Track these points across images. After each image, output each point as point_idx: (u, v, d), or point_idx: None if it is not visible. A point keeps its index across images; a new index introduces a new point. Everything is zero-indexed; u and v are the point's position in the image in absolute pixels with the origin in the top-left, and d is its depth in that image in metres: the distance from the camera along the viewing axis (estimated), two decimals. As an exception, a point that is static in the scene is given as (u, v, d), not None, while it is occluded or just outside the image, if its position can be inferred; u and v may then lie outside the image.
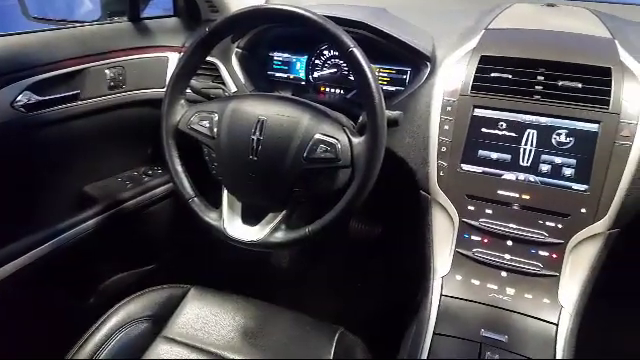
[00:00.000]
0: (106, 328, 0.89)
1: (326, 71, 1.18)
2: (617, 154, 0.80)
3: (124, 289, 1.00)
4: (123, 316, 0.92)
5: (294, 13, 0.80)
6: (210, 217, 0.89)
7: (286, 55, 1.21)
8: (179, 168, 0.90)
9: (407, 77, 1.08)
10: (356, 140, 0.81)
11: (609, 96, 0.81)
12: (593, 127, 0.81)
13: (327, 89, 1.19)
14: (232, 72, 1.14)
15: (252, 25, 1.07)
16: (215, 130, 0.87)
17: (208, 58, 0.99)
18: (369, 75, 0.77)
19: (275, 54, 1.22)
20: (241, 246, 0.86)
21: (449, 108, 0.90)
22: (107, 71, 1.16)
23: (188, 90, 0.92)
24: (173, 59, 1.27)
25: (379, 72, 1.11)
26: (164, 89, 0.91)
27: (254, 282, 1.34)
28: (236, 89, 1.13)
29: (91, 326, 0.89)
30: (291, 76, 1.21)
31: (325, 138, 0.81)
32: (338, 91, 1.18)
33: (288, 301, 1.02)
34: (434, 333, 0.81)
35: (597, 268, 0.83)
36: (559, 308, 0.81)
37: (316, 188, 0.87)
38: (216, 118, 0.87)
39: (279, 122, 0.82)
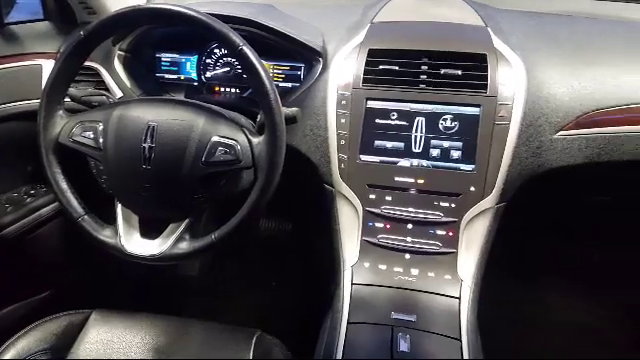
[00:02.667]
0: None
1: (219, 70, 1.14)
2: (497, 134, 0.87)
3: (14, 324, 0.89)
4: (15, 353, 0.83)
5: (178, 13, 0.76)
6: (104, 235, 0.82)
7: (174, 55, 1.16)
8: (64, 185, 0.82)
9: (301, 73, 1.09)
10: (256, 140, 0.80)
11: (486, 80, 0.88)
12: (474, 111, 0.88)
13: (222, 89, 1.15)
14: (116, 77, 1.06)
15: (133, 26, 1.01)
16: (101, 141, 0.81)
17: (87, 63, 0.91)
18: (262, 73, 0.76)
19: (162, 55, 1.16)
20: (142, 262, 0.81)
21: (344, 102, 0.92)
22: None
23: (67, 99, 0.85)
24: (47, 67, 1.15)
25: (273, 69, 1.10)
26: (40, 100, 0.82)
27: (163, 297, 1.28)
28: (122, 94, 1.05)
29: None
30: (182, 77, 1.16)
31: (223, 140, 0.79)
32: (234, 90, 1.15)
33: (202, 311, 0.99)
34: (348, 322, 0.82)
35: (489, 241, 0.90)
36: (459, 282, 0.87)
37: (219, 192, 0.84)
38: (101, 128, 0.81)
39: (171, 127, 0.78)
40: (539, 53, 0.94)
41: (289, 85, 1.09)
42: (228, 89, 1.15)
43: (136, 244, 0.82)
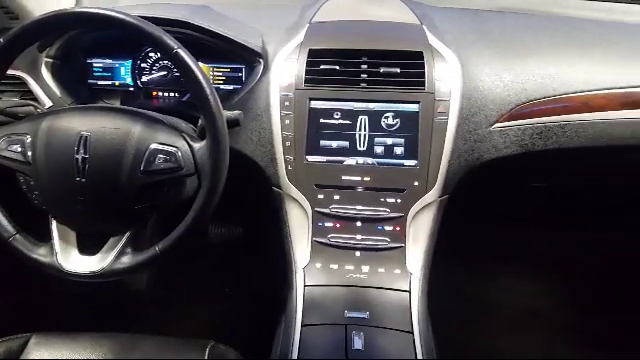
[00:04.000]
0: None
1: (155, 74, 1.10)
2: (437, 129, 0.89)
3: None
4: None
5: (106, 16, 0.73)
6: (39, 254, 0.78)
7: (107, 60, 1.10)
8: None
9: (243, 75, 1.07)
10: (197, 145, 0.77)
11: (424, 78, 0.90)
12: (414, 107, 0.90)
13: (160, 93, 1.11)
14: (44, 85, 1.00)
15: (59, 31, 0.95)
16: (29, 154, 0.76)
17: (11, 72, 0.86)
18: (199, 76, 0.74)
19: (94, 60, 1.10)
20: (83, 280, 0.77)
21: (287, 103, 0.92)
22: None
23: None
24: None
25: (213, 71, 1.08)
26: None
27: (110, 314, 1.22)
28: (52, 104, 0.99)
29: None
30: (117, 83, 1.11)
31: (162, 147, 0.76)
32: (173, 94, 1.11)
33: (152, 325, 0.95)
34: (302, 325, 0.82)
35: (434, 233, 0.92)
36: (409, 276, 0.89)
37: (162, 201, 0.81)
38: (29, 140, 0.76)
39: (106, 136, 0.75)
40: (472, 49, 0.98)
41: (231, 87, 1.07)
42: (166, 93, 1.11)
43: (75, 261, 0.78)
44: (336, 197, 0.91)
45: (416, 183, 0.90)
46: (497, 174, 1.06)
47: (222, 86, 1.07)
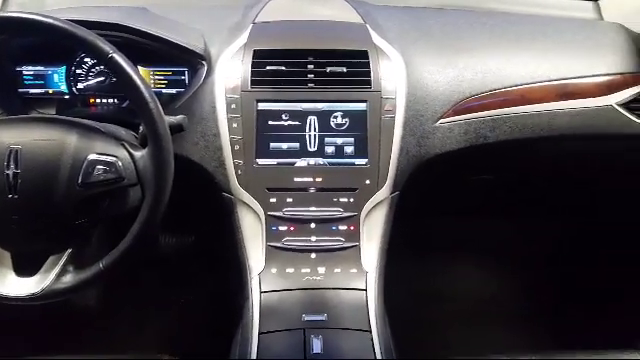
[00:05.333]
0: None
1: (92, 81, 1.05)
2: (385, 127, 0.90)
3: None
4: None
5: (34, 21, 0.68)
6: None
7: (39, 68, 1.03)
8: None
9: (186, 78, 1.03)
10: (139, 153, 0.74)
11: (369, 76, 0.91)
12: (362, 106, 0.90)
13: (98, 100, 1.06)
14: (-32, 96, 0.93)
15: (-18, 38, 0.89)
16: None
17: None
18: (137, 81, 0.70)
19: (24, 68, 1.03)
20: (22, 303, 0.72)
21: (234, 105, 0.90)
22: None
23: None
24: None
25: (154, 75, 1.03)
26: None
27: (59, 334, 1.15)
28: None
29: None
30: (50, 91, 1.04)
31: (101, 157, 0.72)
32: (111, 101, 1.06)
33: (104, 341, 0.90)
34: (259, 333, 0.80)
35: (388, 229, 0.93)
36: (364, 274, 0.89)
37: (105, 214, 0.78)
38: None
39: (39, 149, 0.70)
40: (415, 47, 0.99)
41: (174, 91, 1.03)
42: (105, 100, 1.06)
43: (11, 284, 0.73)
44: (289, 200, 0.90)
45: (367, 181, 0.90)
46: (445, 168, 1.08)
47: (164, 90, 1.04)
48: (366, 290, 0.87)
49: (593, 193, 1.42)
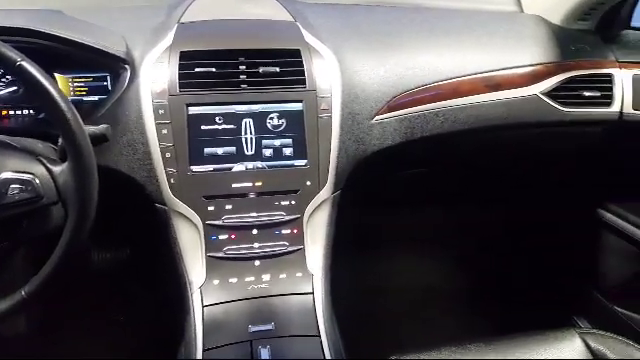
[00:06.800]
0: None
1: (3, 91, 0.95)
2: (322, 127, 0.89)
3: None
4: None
5: None
6: None
7: None
8: None
9: (108, 83, 0.97)
10: (58, 169, 0.68)
11: (304, 75, 0.89)
12: (298, 106, 0.88)
13: (11, 112, 0.96)
14: None
15: None
16: None
17: None
18: (51, 90, 0.64)
19: None
20: None
21: (162, 111, 0.85)
22: None
23: None
24: None
25: (73, 82, 0.95)
26: None
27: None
28: None
29: None
30: None
31: (16, 176, 0.66)
32: (27, 112, 0.97)
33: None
34: (204, 349, 0.77)
35: (331, 230, 0.92)
36: (311, 277, 0.88)
37: (24, 236, 0.71)
38: None
39: None
40: (348, 44, 0.99)
41: (96, 98, 0.96)
42: (19, 112, 0.96)
43: None
44: (228, 207, 0.86)
45: (308, 183, 0.88)
46: (383, 164, 1.09)
47: (85, 98, 0.96)
48: (313, 293, 0.86)
49: (520, 181, 1.49)
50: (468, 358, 0.75)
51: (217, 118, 0.87)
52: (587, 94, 1.06)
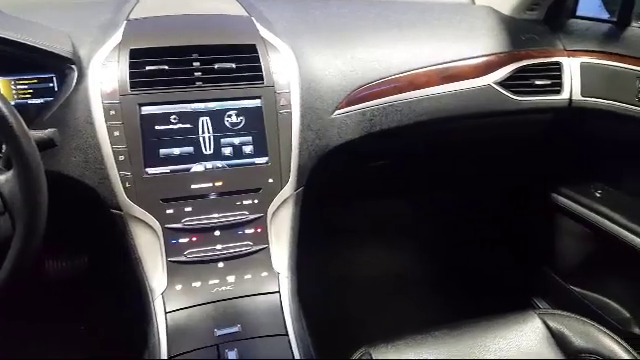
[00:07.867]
0: None
1: None
2: (282, 123, 0.87)
3: None
4: None
5: None
6: None
7: None
8: None
9: (54, 85, 0.92)
10: (2, 177, 0.64)
11: (261, 71, 0.87)
12: (256, 103, 0.86)
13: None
14: None
15: None
16: None
17: None
18: None
19: None
20: None
21: (113, 112, 0.81)
22: None
23: None
24: None
25: (16, 85, 0.90)
26: None
27: None
28: None
29: None
30: None
31: None
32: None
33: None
34: (169, 357, 0.74)
35: (296, 227, 0.91)
36: (276, 276, 0.86)
37: None
38: None
39: None
40: (304, 39, 0.98)
41: (41, 101, 0.91)
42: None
43: None
44: (188, 209, 0.84)
45: (270, 180, 0.87)
46: (345, 158, 1.09)
47: (30, 101, 0.91)
48: (279, 292, 0.85)
49: (477, 169, 1.53)
50: (434, 344, 0.76)
51: (172, 117, 0.84)
52: (538, 82, 1.10)
